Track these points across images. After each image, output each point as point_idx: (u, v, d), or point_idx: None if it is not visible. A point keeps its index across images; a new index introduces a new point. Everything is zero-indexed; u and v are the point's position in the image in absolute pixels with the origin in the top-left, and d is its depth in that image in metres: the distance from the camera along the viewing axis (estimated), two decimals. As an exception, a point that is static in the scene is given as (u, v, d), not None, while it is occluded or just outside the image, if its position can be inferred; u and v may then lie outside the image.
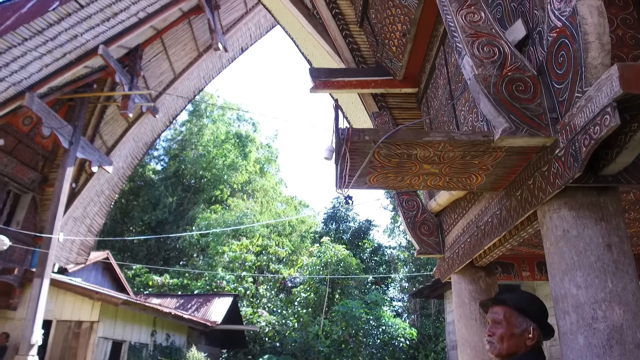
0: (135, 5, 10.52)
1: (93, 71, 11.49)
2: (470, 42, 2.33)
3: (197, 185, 31.04)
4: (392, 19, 4.47)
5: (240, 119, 33.57)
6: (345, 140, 2.13)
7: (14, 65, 9.31)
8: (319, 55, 6.16)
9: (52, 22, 9.37)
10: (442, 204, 4.15)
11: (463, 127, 3.69)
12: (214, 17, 13.25)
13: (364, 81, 5.11)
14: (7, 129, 10.89)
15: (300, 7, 5.69)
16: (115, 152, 13.53)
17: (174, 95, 14.24)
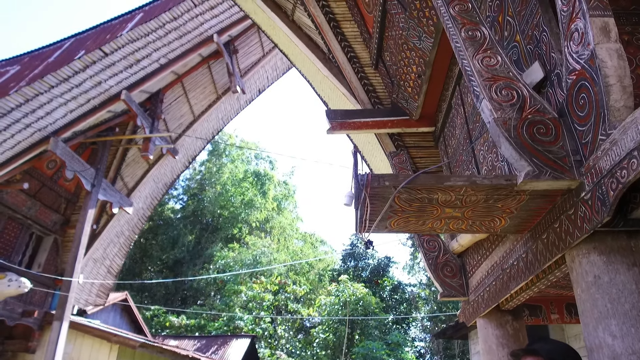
0: (157, 52, 10.94)
1: (115, 115, 11.86)
2: (487, 85, 2.33)
3: (215, 223, 31.17)
4: (407, 61, 4.53)
5: (258, 157, 34.01)
6: (365, 185, 2.12)
7: (40, 111, 9.66)
8: (335, 97, 6.26)
9: (77, 69, 9.77)
10: (464, 245, 4.06)
11: (482, 167, 3.65)
12: (232, 61, 13.67)
13: (380, 121, 5.14)
14: (31, 172, 11.19)
15: (317, 52, 5.84)
16: (136, 193, 13.75)
17: (193, 136, 14.55)
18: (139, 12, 11.18)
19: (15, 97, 9.06)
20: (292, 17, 6.02)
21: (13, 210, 10.89)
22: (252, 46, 14.95)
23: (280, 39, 6.68)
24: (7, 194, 10.63)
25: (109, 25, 11.15)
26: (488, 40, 2.47)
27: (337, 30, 5.49)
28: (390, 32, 4.76)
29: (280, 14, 6.08)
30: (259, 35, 14.83)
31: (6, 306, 10.24)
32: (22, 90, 9.11)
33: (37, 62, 10.35)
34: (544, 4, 2.55)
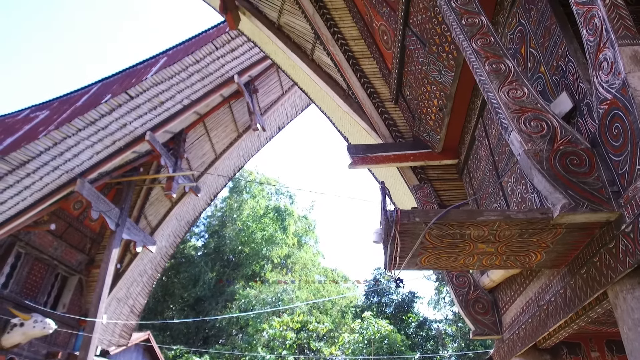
0: (180, 94, 11.26)
1: (140, 155, 12.14)
2: (516, 117, 2.30)
3: (237, 260, 31.07)
4: (428, 94, 4.54)
5: (278, 192, 34.17)
6: (394, 222, 2.07)
7: (68, 154, 9.95)
8: (355, 132, 6.29)
9: (104, 113, 10.10)
10: (496, 280, 3.92)
11: (511, 200, 3.57)
12: (252, 100, 13.97)
13: (402, 155, 5.12)
14: (58, 213, 11.43)
15: (336, 89, 5.92)
16: (159, 231, 13.87)
17: (215, 174, 14.74)
18: (162, 57, 11.61)
19: (44, 141, 9.37)
20: (311, 56, 6.15)
21: (40, 251, 11.08)
22: (271, 85, 15.28)
23: (300, 77, 6.81)
24: (34, 235, 10.84)
25: (134, 70, 11.58)
26: (513, 73, 2.46)
27: (356, 68, 5.57)
28: (409, 67, 4.80)
29: (300, 54, 6.21)
30: (278, 75, 15.18)
31: (31, 347, 10.26)
32: (51, 134, 9.42)
33: (66, 107, 10.75)
34: (568, 35, 2.54)
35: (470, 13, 2.79)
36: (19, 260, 10.98)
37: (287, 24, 6.31)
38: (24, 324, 9.88)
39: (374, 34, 5.30)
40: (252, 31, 7.01)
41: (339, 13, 5.71)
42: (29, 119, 10.96)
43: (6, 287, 10.67)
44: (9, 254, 10.64)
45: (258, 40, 7.20)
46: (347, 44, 5.64)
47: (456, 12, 2.82)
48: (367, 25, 5.41)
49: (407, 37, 4.50)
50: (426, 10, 4.00)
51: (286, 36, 6.35)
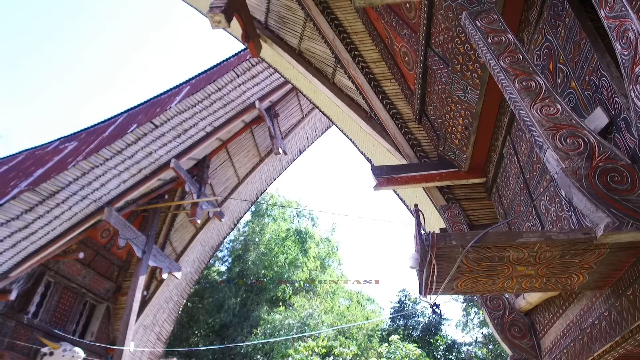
0: (203, 121, 11.47)
1: (165, 183, 12.33)
2: (550, 135, 2.24)
3: (260, 284, 30.96)
4: (452, 114, 4.50)
5: (300, 215, 34.15)
6: (430, 246, 2.02)
7: (96, 183, 10.17)
8: (379, 153, 6.26)
9: (130, 142, 10.33)
10: (532, 302, 3.78)
11: (546, 218, 3.47)
12: (273, 125, 14.12)
13: (428, 175, 5.06)
14: (86, 242, 11.63)
15: (358, 111, 5.93)
16: (184, 257, 13.96)
17: (238, 199, 14.85)
18: (186, 86, 11.89)
19: (73, 171, 9.62)
20: (332, 80, 6.20)
21: (69, 279, 11.25)
22: (291, 109, 15.46)
23: (322, 101, 6.86)
24: (63, 264, 11.04)
25: (158, 99, 11.87)
26: (544, 89, 2.41)
27: (378, 89, 5.59)
28: (432, 87, 4.78)
29: (321, 78, 6.27)
30: (298, 99, 15.36)
31: (60, 377, 10.31)
32: (80, 164, 9.67)
33: (93, 138, 11.05)
34: (600, 50, 2.49)
35: (496, 31, 2.76)
36: (49, 289, 11.17)
37: (307, 50, 6.40)
38: (53, 353, 9.99)
39: (394, 56, 5.31)
40: (273, 58, 7.12)
41: (359, 37, 5.76)
42: (58, 150, 11.30)
43: (36, 317, 10.84)
44: (39, 284, 10.84)
45: (279, 66, 7.30)
46: (368, 66, 5.67)
47: (481, 31, 2.80)
48: (387, 47, 5.43)
49: (429, 57, 4.49)
50: (448, 30, 3.99)
51: (307, 61, 6.43)
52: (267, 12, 6.72)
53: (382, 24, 5.23)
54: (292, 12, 6.38)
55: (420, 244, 2.02)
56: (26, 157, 11.94)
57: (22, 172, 10.12)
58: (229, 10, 5.41)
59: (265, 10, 6.71)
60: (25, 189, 9.16)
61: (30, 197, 9.11)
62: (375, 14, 5.32)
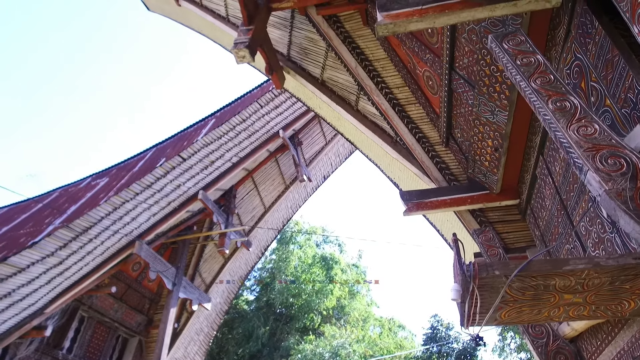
0: (229, 153, 11.65)
1: (193, 214, 12.49)
2: (590, 156, 2.17)
3: (289, 313, 30.64)
4: (481, 135, 4.44)
5: (327, 241, 33.97)
6: (472, 277, 1.95)
7: (127, 217, 10.38)
8: (406, 178, 6.20)
9: (159, 176, 10.55)
10: (578, 329, 3.60)
11: (587, 240, 3.33)
12: (297, 153, 14.23)
13: (458, 198, 4.97)
14: (118, 275, 11.79)
15: (383, 137, 5.91)
16: (213, 288, 13.98)
17: (265, 227, 14.88)
18: (211, 119, 12.16)
19: (105, 207, 9.85)
20: (356, 107, 6.23)
21: (102, 314, 11.38)
22: (314, 136, 15.58)
23: (346, 128, 6.88)
24: (96, 298, 11.19)
25: (185, 133, 12.15)
26: (580, 109, 2.35)
27: (402, 114, 5.58)
28: (458, 110, 4.74)
29: (344, 106, 6.31)
30: (321, 126, 15.49)
31: (95, 413, 10.32)
32: (111, 200, 9.90)
33: (124, 173, 11.33)
34: (635, 66, 2.43)
35: (525, 53, 2.73)
36: (82, 324, 11.31)
37: (330, 79, 6.47)
38: (88, 388, 10.03)
39: (418, 80, 5.31)
40: (296, 88, 7.22)
41: (381, 63, 5.81)
42: (90, 186, 11.62)
43: (70, 352, 10.95)
44: (73, 319, 10.99)
45: (302, 96, 7.39)
46: (391, 92, 5.68)
47: (509, 53, 2.77)
48: (410, 72, 5.45)
49: (453, 80, 4.47)
50: (472, 53, 3.98)
51: (330, 90, 6.49)
52: (289, 45, 6.86)
53: (403, 50, 5.26)
54: (313, 43, 6.49)
55: (462, 275, 1.96)
56: (60, 194, 12.32)
57: (56, 210, 10.42)
58: (252, 45, 5.53)
59: (288, 43, 6.85)
60: (59, 225, 9.40)
61: (65, 234, 9.34)
62: (396, 41, 5.36)
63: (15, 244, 9.43)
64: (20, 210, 12.14)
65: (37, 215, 10.84)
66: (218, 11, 7.68)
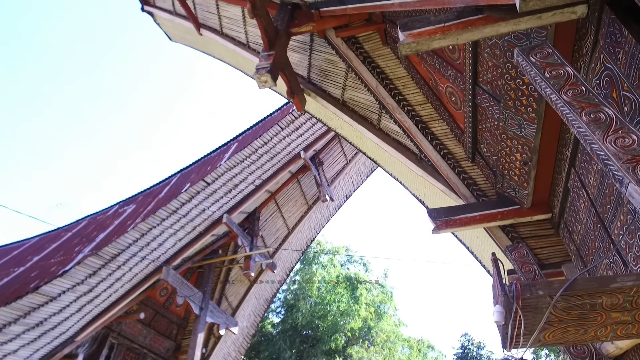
0: (252, 175, 11.75)
1: (218, 238, 12.57)
2: (630, 168, 2.10)
3: (314, 335, 30.28)
4: (509, 150, 4.37)
5: (351, 261, 33.65)
6: (515, 298, 1.89)
7: (154, 243, 10.50)
8: (431, 195, 6.12)
9: (184, 201, 10.68)
10: (623, 347, 3.44)
11: (627, 254, 3.21)
12: (319, 173, 14.26)
13: (488, 214, 4.88)
14: (146, 302, 11.88)
15: (407, 154, 5.88)
16: (240, 312, 13.94)
17: (289, 249, 14.86)
18: (233, 143, 12.32)
19: (132, 234, 9.99)
20: (378, 126, 6.23)
21: (131, 340, 11.44)
22: (335, 156, 15.61)
23: (368, 147, 6.87)
24: (125, 325, 11.27)
25: (209, 158, 12.33)
26: (616, 120, 2.29)
27: (426, 131, 5.55)
28: (484, 125, 4.69)
29: (366, 125, 6.32)
30: (341, 145, 15.52)
31: None
32: (138, 226, 10.04)
33: (150, 199, 11.52)
34: (670, 73, 2.36)
35: (553, 65, 2.69)
36: (112, 352, 11.36)
37: (351, 99, 6.50)
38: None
39: (440, 97, 5.29)
40: (317, 109, 7.28)
41: (402, 82, 5.81)
42: (118, 213, 11.84)
43: (101, 379, 11.00)
44: (103, 346, 11.07)
45: (323, 117, 7.44)
46: (413, 109, 5.67)
47: (537, 66, 2.73)
48: (432, 89, 5.43)
49: (477, 95, 4.44)
50: (496, 67, 3.95)
51: (351, 110, 6.51)
52: (309, 67, 6.94)
53: (424, 67, 5.25)
54: (333, 64, 6.55)
55: (504, 296, 1.90)
56: (88, 222, 12.58)
57: (85, 238, 10.62)
58: (274, 69, 5.61)
59: (307, 66, 6.93)
60: (89, 253, 9.56)
61: (94, 262, 9.48)
62: (416, 59, 5.36)
63: (47, 273, 9.62)
64: (50, 239, 12.42)
65: (67, 244, 11.06)
66: (239, 38, 7.85)
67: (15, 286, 9.64)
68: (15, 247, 13.47)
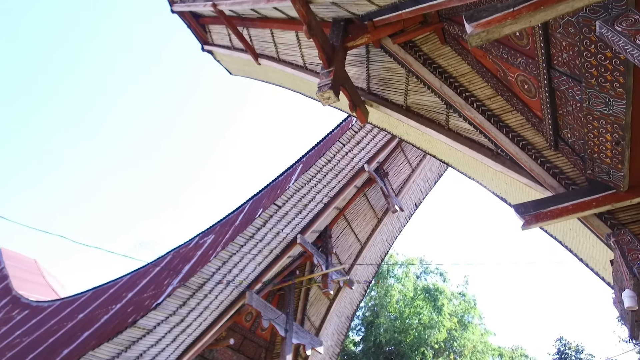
0: (319, 194, 11.89)
1: (294, 259, 12.76)
2: None
3: (397, 350, 29.57)
4: (597, 131, 4.10)
5: (427, 271, 32.80)
6: (648, 279, 1.74)
7: (235, 270, 10.84)
8: (513, 190, 5.85)
9: (259, 226, 10.99)
10: None
11: None
12: (385, 184, 14.15)
13: (582, 203, 4.58)
14: (234, 328, 12.22)
15: (482, 151, 5.69)
16: (323, 331, 13.96)
17: (364, 264, 14.75)
18: (299, 164, 12.57)
19: (214, 262, 10.39)
20: (447, 126, 6.10)
21: (223, 366, 11.78)
22: (400, 165, 15.44)
23: (438, 149, 6.73)
24: (217, 352, 11.64)
25: (277, 182, 12.65)
26: None
27: (499, 124, 5.35)
28: (564, 109, 4.45)
29: (434, 127, 6.20)
30: (404, 154, 15.34)
31: None
32: (220, 255, 10.44)
33: (227, 228, 11.95)
34: None
35: (644, 31, 2.52)
36: (206, 378, 11.75)
37: (415, 103, 6.43)
38: None
39: (511, 87, 5.10)
40: (380, 119, 7.26)
41: (466, 78, 5.68)
42: (199, 245, 12.38)
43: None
44: (198, 374, 11.48)
45: (387, 125, 7.40)
46: (483, 104, 5.50)
47: (625, 35, 2.57)
48: (500, 80, 5.25)
49: (554, 79, 4.23)
50: (572, 46, 3.75)
51: (416, 114, 6.44)
52: (368, 78, 6.97)
53: (490, 59, 5.10)
54: (392, 72, 6.54)
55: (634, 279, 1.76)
56: (173, 256, 13.24)
57: (172, 270, 11.18)
58: (335, 85, 5.70)
59: (366, 77, 6.97)
60: (177, 285, 10.04)
61: (183, 292, 9.94)
62: (480, 52, 5.23)
63: (142, 307, 10.20)
64: (141, 275, 13.20)
65: (156, 278, 11.70)
66: (295, 62, 8.06)
67: (115, 322, 10.30)
68: (111, 286, 14.45)
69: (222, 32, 9.84)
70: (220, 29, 9.84)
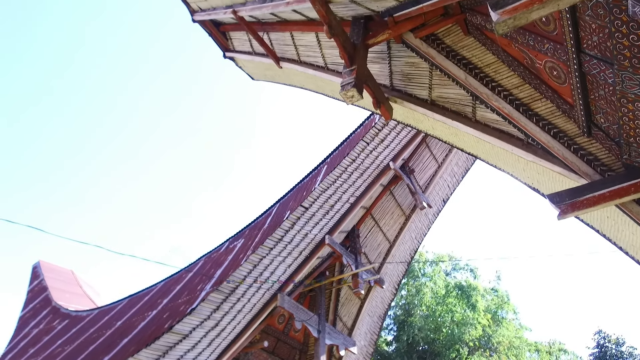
0: (345, 194, 11.88)
1: (324, 260, 12.78)
2: None
3: (431, 349, 29.25)
4: (632, 114, 3.98)
5: (457, 268, 32.36)
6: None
7: (266, 272, 10.93)
8: (546, 180, 5.72)
9: (287, 228, 11.06)
10: None
11: None
12: (411, 181, 14.03)
13: (619, 189, 4.44)
14: (267, 330, 12.32)
15: (512, 141, 5.59)
16: (356, 331, 13.93)
17: (394, 262, 14.66)
18: (323, 165, 12.59)
19: (246, 266, 10.51)
20: (474, 118, 6.02)
21: (258, 369, 11.88)
22: (425, 161, 15.29)
23: (466, 142, 6.64)
24: (252, 355, 11.75)
25: (302, 184, 12.70)
26: None
27: (529, 113, 5.25)
28: (596, 93, 4.33)
29: (461, 119, 6.13)
30: (430, 149, 15.19)
31: None
32: (250, 259, 10.55)
33: (256, 232, 12.07)
34: None
35: (682, 6, 2.43)
36: (243, 381, 11.88)
37: (440, 97, 6.37)
38: None
39: (539, 74, 4.99)
40: (405, 115, 7.21)
41: (492, 68, 5.59)
42: (229, 249, 12.54)
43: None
44: (233, 377, 11.61)
45: (412, 121, 7.34)
46: (510, 93, 5.40)
47: (661, 12, 2.49)
48: (527, 68, 5.15)
49: (584, 63, 4.12)
50: (602, 28, 3.65)
51: (442, 108, 6.37)
52: (391, 75, 6.94)
53: (515, 47, 5.01)
54: (415, 66, 6.49)
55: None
56: (205, 261, 13.45)
57: (205, 275, 11.36)
58: (358, 83, 5.69)
59: (389, 73, 6.94)
60: (210, 290, 10.19)
61: (216, 297, 10.08)
62: (505, 41, 5.14)
63: (177, 313, 10.39)
64: (174, 281, 13.45)
65: (189, 284, 11.90)
66: (317, 62, 8.09)
67: (152, 328, 10.52)
68: (145, 293, 14.77)
69: (242, 38, 9.95)
70: (240, 35, 9.96)
